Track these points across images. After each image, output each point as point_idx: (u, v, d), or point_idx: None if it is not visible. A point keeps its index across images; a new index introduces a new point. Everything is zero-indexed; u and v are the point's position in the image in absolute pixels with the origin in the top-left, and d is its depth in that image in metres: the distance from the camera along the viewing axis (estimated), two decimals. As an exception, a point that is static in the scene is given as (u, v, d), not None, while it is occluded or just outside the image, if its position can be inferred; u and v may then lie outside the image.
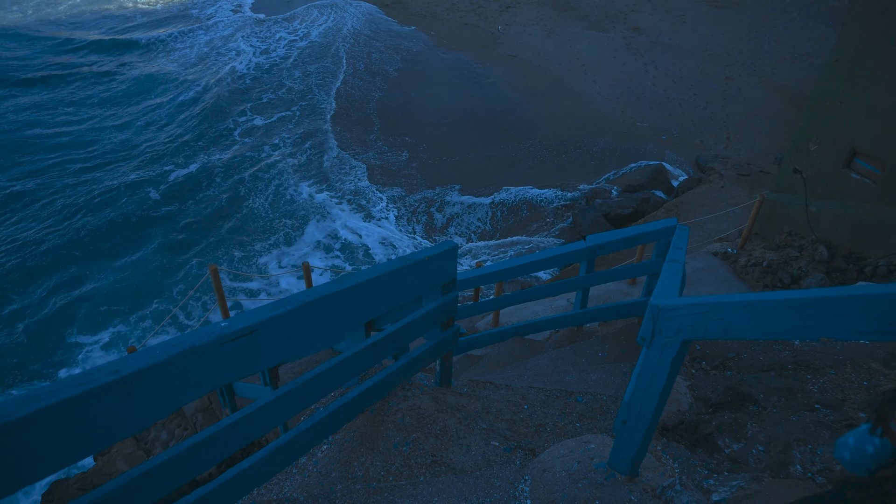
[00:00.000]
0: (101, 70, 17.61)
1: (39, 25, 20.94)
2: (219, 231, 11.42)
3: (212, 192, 12.44)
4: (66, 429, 1.48)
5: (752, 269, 7.93)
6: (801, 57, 18.16)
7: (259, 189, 12.62)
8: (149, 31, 20.89)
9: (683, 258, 2.95)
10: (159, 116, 15.25)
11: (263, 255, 10.98)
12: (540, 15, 21.08)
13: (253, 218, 11.82)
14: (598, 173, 12.92)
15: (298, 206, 12.17)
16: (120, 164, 13.17)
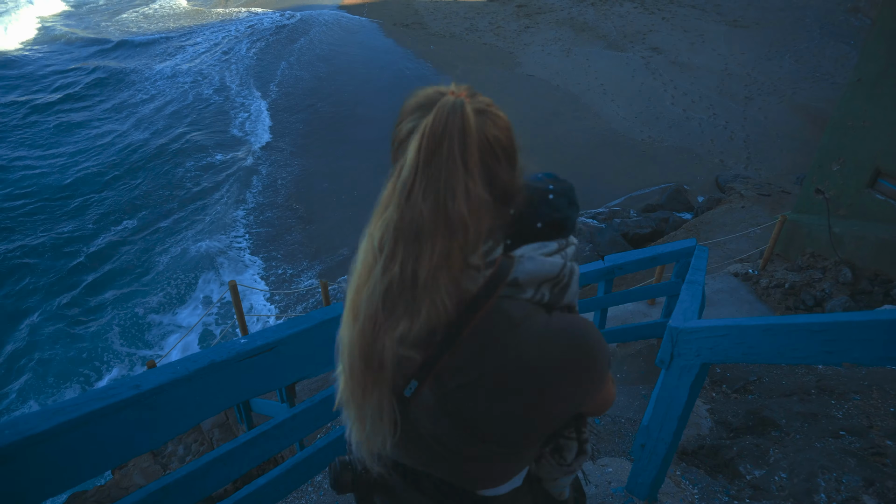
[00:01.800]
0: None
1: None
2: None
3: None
4: (88, 442, 1.50)
5: (773, 290, 7.81)
6: (823, 76, 18.03)
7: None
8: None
9: (703, 279, 2.93)
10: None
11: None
12: (558, 35, 21.21)
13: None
14: (617, 193, 12.88)
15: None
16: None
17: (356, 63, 19.42)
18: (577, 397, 0.94)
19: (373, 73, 18.60)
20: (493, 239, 0.92)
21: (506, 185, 0.90)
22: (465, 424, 0.93)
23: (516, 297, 0.92)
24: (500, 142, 0.89)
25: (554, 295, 0.96)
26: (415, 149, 0.83)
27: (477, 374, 0.90)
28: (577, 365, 0.91)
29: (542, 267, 0.94)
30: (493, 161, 0.87)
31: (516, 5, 24.27)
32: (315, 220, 12.22)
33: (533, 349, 0.89)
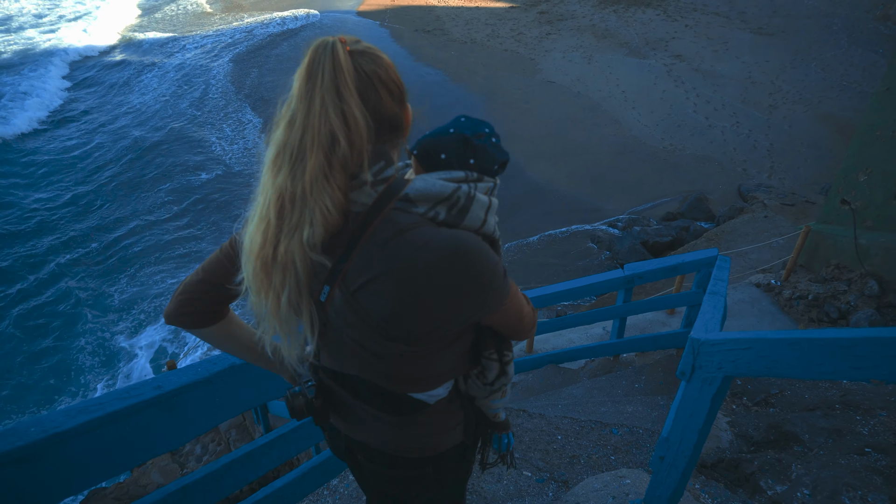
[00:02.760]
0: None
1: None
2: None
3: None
4: (112, 441, 1.53)
5: (796, 301, 7.67)
6: (850, 85, 17.73)
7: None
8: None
9: (725, 291, 2.89)
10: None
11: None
12: (580, 42, 21.14)
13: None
14: (637, 200, 12.77)
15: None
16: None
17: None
18: (465, 299, 1.06)
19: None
20: (385, 160, 1.07)
21: (389, 115, 1.07)
22: (370, 321, 1.06)
23: (408, 211, 1.04)
24: (377, 75, 1.04)
25: (451, 216, 1.06)
26: (296, 79, 1.01)
27: (373, 273, 1.02)
28: (456, 266, 1.02)
29: (433, 186, 1.06)
30: (370, 91, 1.03)
31: (538, 12, 24.25)
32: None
33: (417, 251, 1.00)
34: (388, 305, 1.03)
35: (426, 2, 25.88)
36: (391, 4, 25.85)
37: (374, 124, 1.03)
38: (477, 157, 1.15)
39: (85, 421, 1.45)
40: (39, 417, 1.43)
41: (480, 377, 1.32)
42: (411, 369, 1.16)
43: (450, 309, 1.06)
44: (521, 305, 1.24)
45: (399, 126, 1.10)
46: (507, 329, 1.25)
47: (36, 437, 1.37)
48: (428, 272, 1.01)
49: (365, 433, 1.32)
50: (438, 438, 1.32)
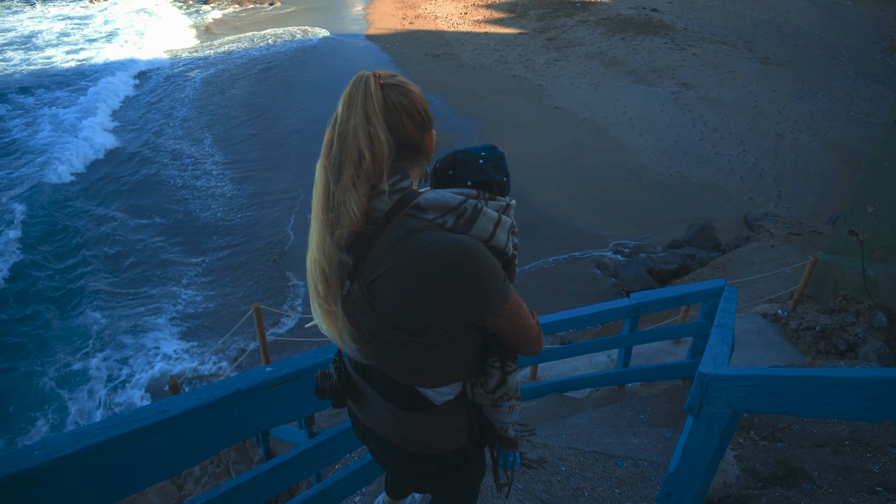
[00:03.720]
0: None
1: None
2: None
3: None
4: (115, 466, 1.52)
5: (804, 333, 7.61)
6: (857, 116, 17.79)
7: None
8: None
9: (733, 323, 2.87)
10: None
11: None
12: (587, 68, 21.35)
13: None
14: (642, 227, 12.76)
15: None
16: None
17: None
18: (463, 296, 1.21)
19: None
20: (402, 174, 1.25)
21: (410, 139, 1.27)
22: (381, 311, 1.23)
23: (419, 217, 1.21)
24: (403, 106, 1.25)
25: (459, 224, 1.22)
26: (339, 104, 1.23)
27: (384, 269, 1.19)
28: (456, 265, 1.17)
29: (443, 197, 1.23)
30: (395, 119, 1.23)
31: (546, 38, 24.54)
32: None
33: (423, 249, 1.17)
34: (395, 296, 1.20)
35: (436, 27, 26.24)
36: (401, 29, 26.22)
37: (396, 145, 1.24)
38: (486, 180, 1.34)
39: (89, 445, 1.44)
40: (43, 441, 1.42)
41: (483, 384, 1.44)
42: (416, 361, 1.30)
43: (449, 303, 1.21)
44: (523, 317, 1.36)
45: (419, 148, 1.31)
46: (510, 339, 1.38)
47: (39, 460, 1.37)
48: (431, 268, 1.17)
49: (377, 422, 1.49)
50: (441, 438, 1.45)
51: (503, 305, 1.27)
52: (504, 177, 1.38)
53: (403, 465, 1.53)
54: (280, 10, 30.57)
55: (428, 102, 1.35)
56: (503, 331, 1.34)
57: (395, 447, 1.49)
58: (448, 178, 1.36)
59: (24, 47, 24.37)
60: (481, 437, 1.53)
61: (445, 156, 1.39)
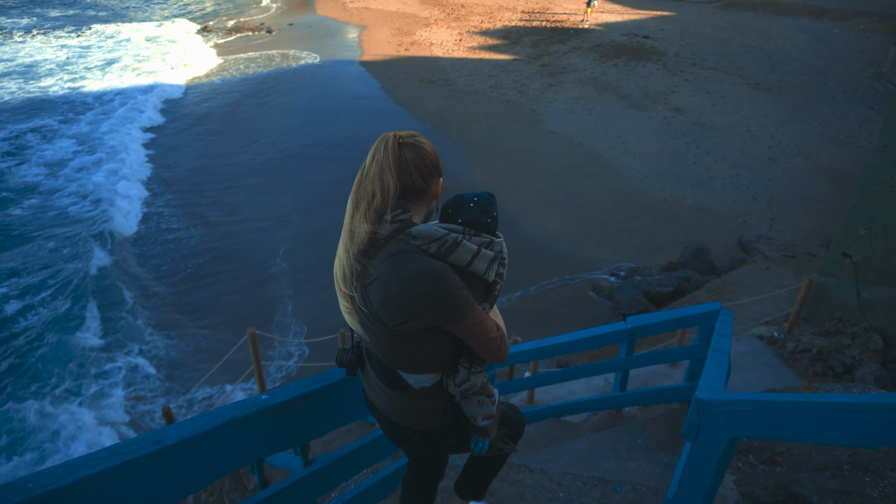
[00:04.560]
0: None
1: None
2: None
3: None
4: (110, 497, 1.50)
5: (800, 355, 7.61)
6: (848, 140, 18.02)
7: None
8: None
9: (728, 347, 2.87)
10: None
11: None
12: (581, 94, 21.62)
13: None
14: (638, 250, 12.81)
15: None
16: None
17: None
18: (425, 304, 1.57)
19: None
20: (403, 209, 1.63)
21: (416, 186, 1.66)
22: (371, 308, 1.63)
23: (408, 242, 1.60)
24: (413, 160, 1.65)
25: (440, 252, 1.61)
26: (368, 156, 1.66)
27: (376, 276, 1.59)
28: (423, 280, 1.55)
29: (430, 229, 1.62)
30: (404, 170, 1.63)
31: (540, 64, 24.89)
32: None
33: (403, 266, 1.56)
34: (380, 298, 1.59)
35: (431, 53, 26.60)
36: (397, 55, 26.56)
37: (402, 189, 1.63)
38: (472, 219, 1.71)
39: (83, 477, 1.43)
40: (37, 473, 1.41)
41: (453, 378, 1.79)
42: (395, 350, 1.69)
43: (415, 308, 1.57)
44: (485, 330, 1.68)
45: (423, 192, 1.69)
46: (473, 345, 1.71)
47: (34, 492, 1.35)
48: (405, 281, 1.55)
49: (375, 396, 1.91)
50: (419, 416, 1.83)
51: (462, 317, 1.61)
52: (488, 218, 1.73)
53: (395, 434, 1.93)
54: (276, 37, 30.97)
55: (420, 130, 1.50)
56: (465, 337, 1.68)
57: (387, 418, 1.89)
58: (446, 215, 1.74)
59: (23, 77, 24.57)
60: (456, 421, 1.89)
61: (449, 197, 1.80)
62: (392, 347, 1.68)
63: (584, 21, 30.84)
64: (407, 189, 1.64)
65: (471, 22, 31.64)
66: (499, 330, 1.73)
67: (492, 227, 1.73)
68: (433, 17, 32.77)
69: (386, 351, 1.71)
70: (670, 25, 30.32)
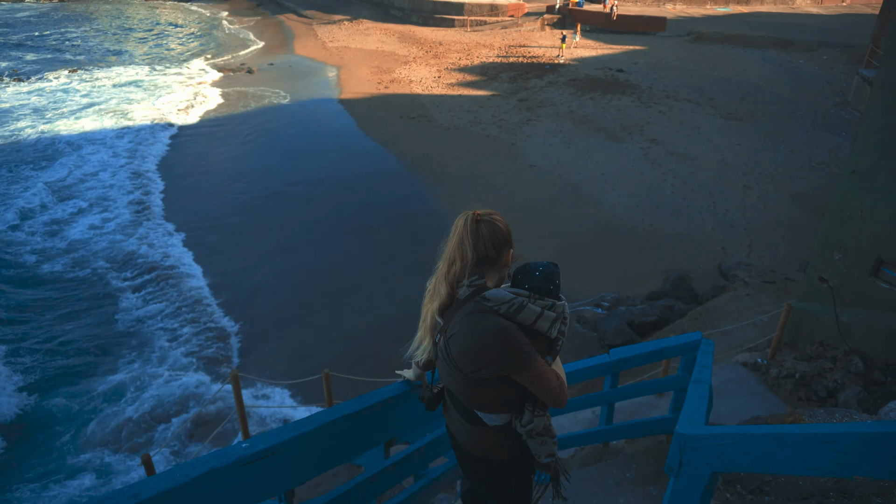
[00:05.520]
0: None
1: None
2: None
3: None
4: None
5: (784, 380, 7.66)
6: (818, 166, 18.51)
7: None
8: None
9: (709, 377, 2.90)
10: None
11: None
12: (559, 127, 22.04)
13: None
14: (620, 280, 12.91)
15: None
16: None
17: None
18: (494, 357, 1.90)
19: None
20: (479, 275, 2.00)
21: (489, 256, 2.01)
22: (451, 357, 1.98)
23: (482, 303, 1.93)
24: (487, 234, 2.00)
25: (509, 313, 1.92)
26: (452, 229, 2.04)
27: (455, 331, 1.95)
28: (494, 337, 1.89)
29: (501, 294, 1.95)
30: (480, 243, 1.99)
31: (518, 99, 25.39)
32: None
33: (477, 323, 1.90)
34: (458, 349, 1.95)
35: (411, 90, 27.03)
36: (376, 93, 26.95)
37: (477, 259, 1.98)
38: (537, 286, 2.00)
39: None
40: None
41: (519, 419, 2.09)
42: (472, 393, 2.02)
43: (486, 359, 1.90)
44: (547, 380, 1.96)
45: (496, 261, 2.03)
46: (537, 392, 2.00)
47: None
48: (478, 336, 1.90)
49: (455, 429, 2.24)
50: (490, 449, 2.15)
51: (525, 368, 1.91)
52: (551, 285, 2.02)
53: (467, 464, 2.27)
54: (256, 76, 31.29)
55: (398, 166, 1.55)
56: (528, 385, 1.97)
57: (463, 447, 2.22)
58: (515, 281, 2.04)
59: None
60: (522, 455, 2.19)
61: (520, 265, 2.09)
62: (469, 390, 2.01)
63: (559, 56, 31.62)
64: (482, 258, 1.98)
65: (449, 59, 32.29)
66: (559, 380, 2.01)
67: (554, 292, 2.02)
68: (412, 55, 33.39)
69: (464, 393, 2.04)
70: (643, 59, 31.21)
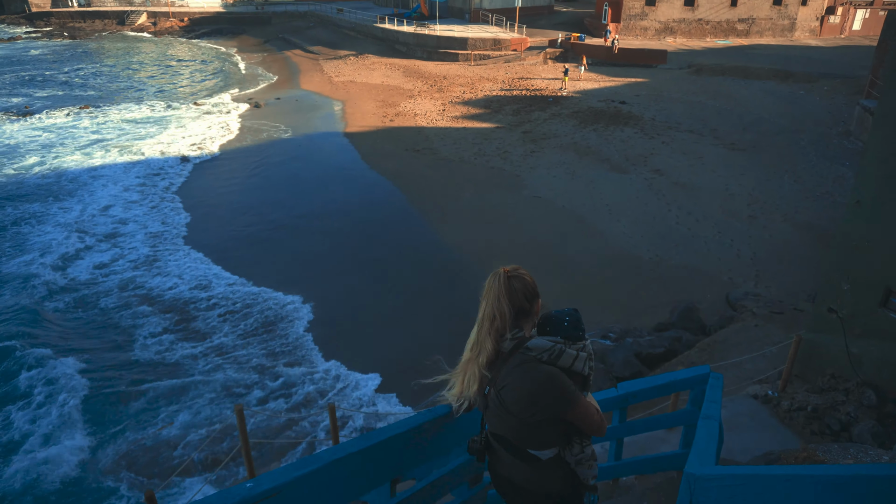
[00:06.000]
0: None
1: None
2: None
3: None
4: None
5: (796, 413, 7.54)
6: (823, 195, 18.53)
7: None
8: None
9: (719, 413, 2.86)
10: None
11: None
12: (563, 158, 22.22)
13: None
14: (627, 311, 12.85)
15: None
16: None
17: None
18: (545, 401, 2.18)
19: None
20: (519, 328, 2.27)
21: (523, 308, 2.27)
22: (505, 405, 2.22)
23: (527, 353, 2.20)
24: (519, 289, 2.26)
25: (550, 359, 2.21)
26: (484, 287, 2.29)
27: (506, 383, 2.20)
28: (543, 384, 2.17)
29: (542, 343, 2.23)
30: (514, 297, 2.24)
31: (522, 132, 25.66)
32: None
33: (527, 373, 2.18)
34: (513, 397, 2.19)
35: (416, 123, 27.39)
36: (382, 126, 27.31)
37: (514, 312, 2.24)
38: (566, 334, 2.29)
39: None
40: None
41: (569, 449, 2.35)
42: (526, 434, 2.27)
43: (540, 403, 2.17)
44: (590, 414, 2.27)
45: (529, 313, 2.30)
46: (582, 426, 2.29)
47: None
48: (532, 384, 2.17)
49: (507, 470, 2.41)
50: (545, 482, 2.34)
51: (574, 407, 2.20)
52: (579, 331, 2.31)
53: (522, 500, 2.42)
54: (263, 111, 31.79)
55: (402, 198, 1.49)
56: (575, 420, 2.25)
57: (519, 486, 2.39)
58: (544, 330, 2.33)
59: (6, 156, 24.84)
60: (573, 483, 2.40)
61: (545, 314, 2.38)
62: (524, 432, 2.25)
63: (562, 89, 32.07)
64: (519, 311, 2.24)
65: (453, 92, 32.78)
66: (598, 412, 2.31)
67: (582, 336, 2.31)
68: (417, 89, 33.93)
69: (518, 435, 2.27)
70: (644, 91, 31.61)
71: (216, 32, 58.88)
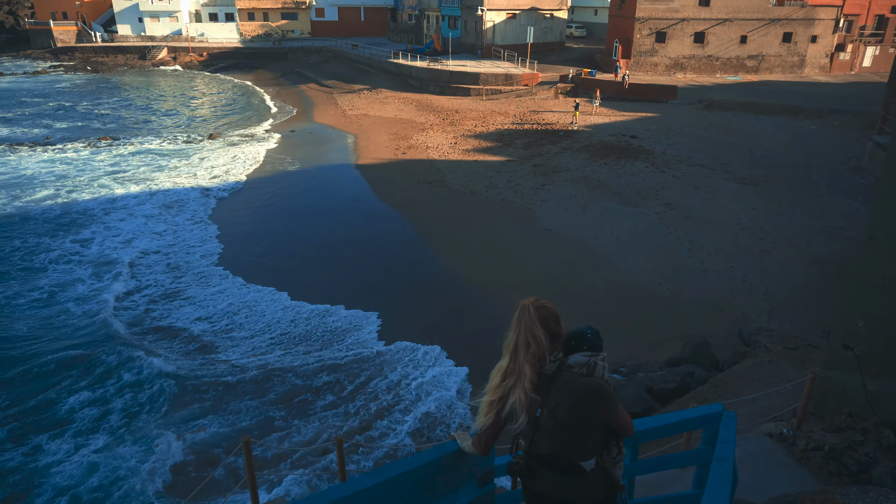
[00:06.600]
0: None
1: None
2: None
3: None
4: None
5: (812, 453, 7.35)
6: (836, 230, 18.40)
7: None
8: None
9: (733, 454, 2.81)
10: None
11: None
12: (574, 192, 22.30)
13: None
14: (639, 346, 12.71)
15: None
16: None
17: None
18: (599, 414, 2.50)
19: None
20: (556, 350, 2.54)
21: (554, 332, 2.52)
22: (560, 421, 2.44)
23: (570, 371, 2.50)
24: (547, 318, 2.51)
25: (588, 371, 2.50)
26: (512, 320, 2.55)
27: (558, 401, 2.45)
28: (594, 398, 2.47)
29: (577, 359, 2.54)
30: (546, 325, 2.49)
31: (533, 165, 25.84)
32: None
33: (577, 390, 2.45)
34: (568, 413, 2.43)
35: (427, 156, 27.68)
36: (394, 158, 27.63)
37: (549, 337, 2.48)
38: (591, 345, 2.63)
39: None
40: None
41: (608, 453, 2.66)
42: (580, 446, 2.51)
43: (594, 412, 2.48)
44: (625, 419, 2.61)
45: (558, 336, 2.55)
46: (620, 427, 2.60)
47: None
48: (583, 397, 2.44)
49: (549, 487, 2.60)
50: (588, 490, 2.57)
51: (618, 410, 2.53)
52: (601, 343, 2.67)
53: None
54: (278, 143, 32.30)
55: (409, 227, 1.53)
56: (615, 424, 2.57)
57: (560, 501, 2.59)
58: (570, 346, 2.62)
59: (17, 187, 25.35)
60: (610, 486, 2.65)
61: (569, 333, 2.66)
62: (576, 445, 2.50)
63: (573, 123, 32.37)
64: (552, 336, 2.49)
65: (465, 126, 33.19)
66: (628, 417, 2.64)
67: (601, 346, 2.65)
68: (429, 122, 34.38)
69: (570, 449, 2.51)
70: (655, 126, 31.82)
71: (234, 67, 60.39)
